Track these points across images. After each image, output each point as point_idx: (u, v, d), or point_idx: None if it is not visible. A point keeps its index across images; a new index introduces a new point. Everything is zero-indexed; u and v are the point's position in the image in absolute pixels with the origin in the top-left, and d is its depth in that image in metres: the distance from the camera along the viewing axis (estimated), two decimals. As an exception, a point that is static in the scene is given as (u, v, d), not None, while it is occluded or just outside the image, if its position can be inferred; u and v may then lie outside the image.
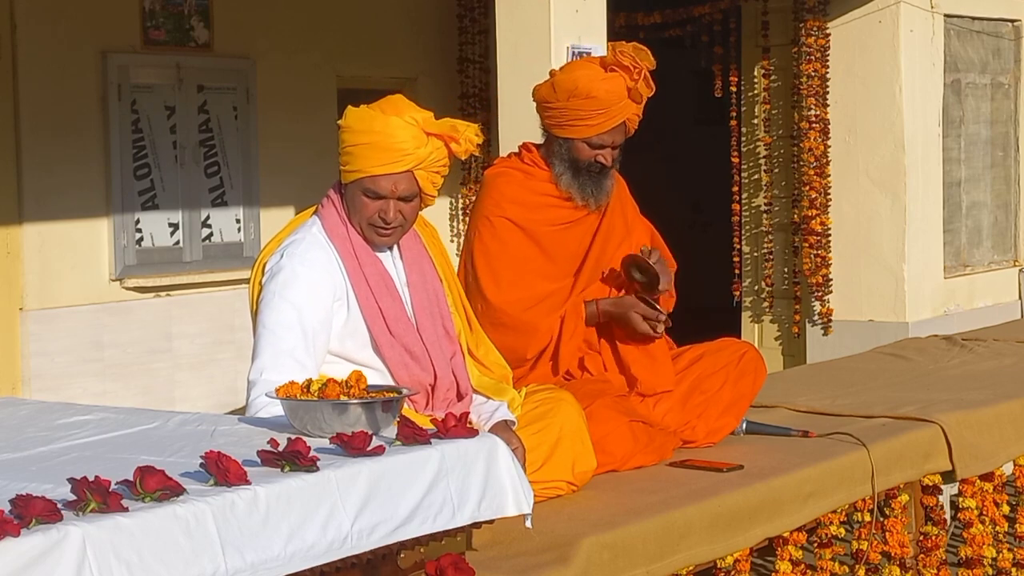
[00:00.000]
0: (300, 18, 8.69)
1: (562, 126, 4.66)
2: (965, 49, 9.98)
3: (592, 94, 4.59)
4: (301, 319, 3.79)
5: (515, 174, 4.77)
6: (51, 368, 7.51)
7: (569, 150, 4.67)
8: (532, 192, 4.73)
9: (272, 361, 3.74)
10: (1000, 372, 6.19)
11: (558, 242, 4.74)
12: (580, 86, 4.60)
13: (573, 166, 4.68)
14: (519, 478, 3.11)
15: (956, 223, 9.95)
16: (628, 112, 4.65)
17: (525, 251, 4.69)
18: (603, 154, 4.66)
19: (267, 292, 3.84)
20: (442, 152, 3.88)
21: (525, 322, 4.59)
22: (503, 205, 4.70)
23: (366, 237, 3.91)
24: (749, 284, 9.85)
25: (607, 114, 4.61)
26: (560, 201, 4.73)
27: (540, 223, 4.71)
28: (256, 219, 8.40)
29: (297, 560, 2.63)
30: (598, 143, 4.65)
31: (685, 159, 12.92)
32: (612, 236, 4.81)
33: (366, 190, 3.86)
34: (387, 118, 3.84)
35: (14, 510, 2.33)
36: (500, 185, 4.74)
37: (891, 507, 4.82)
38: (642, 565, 3.79)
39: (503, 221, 4.68)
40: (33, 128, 7.48)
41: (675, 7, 9.73)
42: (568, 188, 4.69)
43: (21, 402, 4.04)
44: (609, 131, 4.64)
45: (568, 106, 4.62)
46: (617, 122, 4.64)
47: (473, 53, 9.57)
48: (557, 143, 4.70)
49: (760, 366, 4.91)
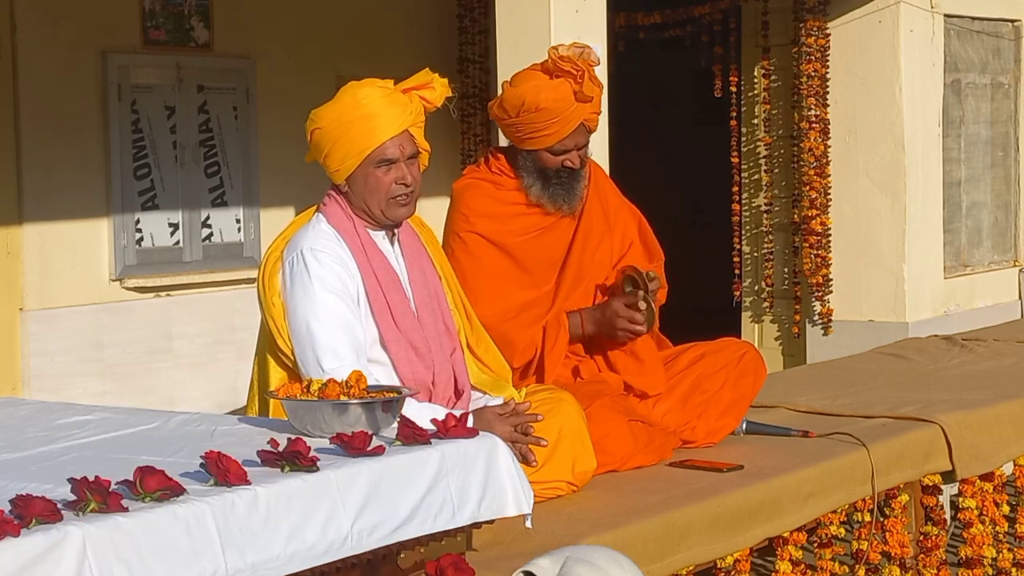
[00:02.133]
0: (300, 18, 8.70)
1: (521, 140, 4.63)
2: (965, 49, 9.98)
3: (540, 106, 4.54)
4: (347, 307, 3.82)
5: (484, 185, 4.72)
6: (51, 368, 7.51)
7: (535, 161, 4.63)
8: (501, 202, 4.68)
9: (347, 348, 3.77)
10: (1000, 372, 6.19)
11: (532, 251, 4.70)
12: (527, 100, 4.55)
13: (542, 176, 4.64)
14: (519, 478, 3.11)
15: (956, 223, 9.95)
16: (581, 115, 4.59)
17: (498, 264, 4.64)
18: (569, 158, 4.62)
19: (302, 286, 3.82)
20: (419, 104, 3.95)
21: (503, 333, 4.53)
22: (472, 220, 4.66)
23: (387, 215, 3.92)
24: (749, 284, 9.84)
25: (560, 121, 4.56)
26: (531, 209, 4.69)
27: (512, 234, 4.67)
28: (256, 219, 8.40)
29: (297, 560, 2.63)
30: (560, 149, 4.61)
31: (685, 159, 12.92)
32: (591, 235, 4.77)
33: (379, 163, 3.88)
34: (358, 93, 3.89)
35: (14, 510, 2.33)
36: (468, 199, 4.70)
37: (891, 507, 4.82)
38: (642, 565, 3.77)
39: (473, 236, 4.64)
40: (33, 128, 7.48)
41: (675, 7, 9.72)
42: (539, 199, 4.65)
43: (21, 402, 4.04)
44: (569, 136, 4.59)
45: (521, 121, 4.58)
46: (573, 126, 4.58)
47: (473, 53, 9.57)
48: (522, 155, 4.66)
49: (760, 366, 4.90)
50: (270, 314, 3.88)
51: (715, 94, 9.71)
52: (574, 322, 4.67)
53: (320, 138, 3.92)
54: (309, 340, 3.78)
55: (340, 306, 3.82)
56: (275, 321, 3.87)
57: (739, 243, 9.81)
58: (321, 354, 3.75)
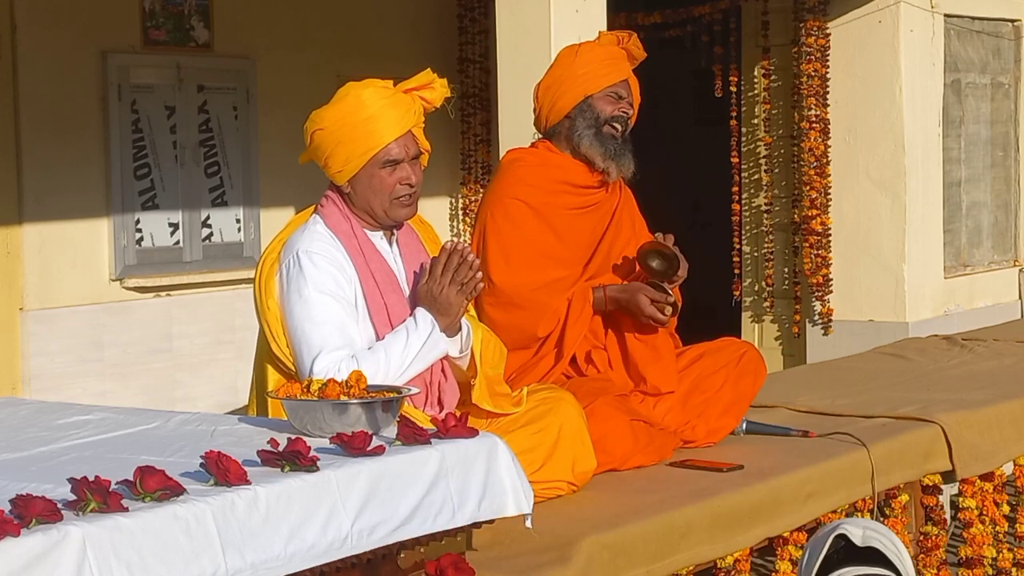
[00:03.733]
0: (300, 18, 8.70)
1: (574, 89, 4.65)
2: (965, 49, 9.97)
3: (592, 50, 4.68)
4: (342, 308, 3.82)
5: (531, 159, 4.77)
6: (51, 368, 7.51)
7: (590, 110, 4.66)
8: (548, 179, 4.72)
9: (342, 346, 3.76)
10: (1000, 372, 6.20)
11: (572, 228, 4.72)
12: (581, 48, 4.69)
13: (596, 127, 4.66)
14: (519, 478, 3.11)
15: (956, 223, 9.94)
16: (628, 70, 4.67)
17: (538, 234, 4.66)
18: (622, 107, 4.66)
19: (297, 289, 3.81)
20: (420, 104, 3.97)
21: (534, 301, 4.57)
22: (518, 188, 4.69)
23: (389, 215, 3.93)
24: (749, 284, 9.84)
25: (612, 63, 4.65)
26: (576, 188, 4.72)
27: (555, 206, 4.70)
28: (256, 219, 8.41)
29: (297, 560, 2.63)
30: (616, 93, 4.65)
31: (685, 159, 12.91)
32: (621, 233, 4.81)
33: (384, 163, 3.88)
34: (362, 94, 3.89)
35: (14, 510, 2.33)
36: (517, 169, 4.74)
37: (891, 507, 4.82)
38: (642, 565, 3.80)
39: (517, 203, 4.67)
40: (33, 128, 7.48)
41: (675, 7, 9.72)
42: (589, 149, 4.66)
43: (21, 402, 4.04)
44: (620, 83, 4.66)
45: (574, 67, 4.66)
46: (623, 74, 4.66)
47: (473, 53, 9.57)
48: (573, 120, 4.67)
49: (760, 366, 4.90)
50: (265, 319, 3.87)
51: (715, 94, 9.71)
52: (597, 295, 4.69)
53: (322, 139, 3.91)
54: (305, 341, 3.78)
55: (335, 307, 3.81)
56: (270, 327, 3.85)
57: (739, 243, 9.81)
58: (316, 355, 3.75)
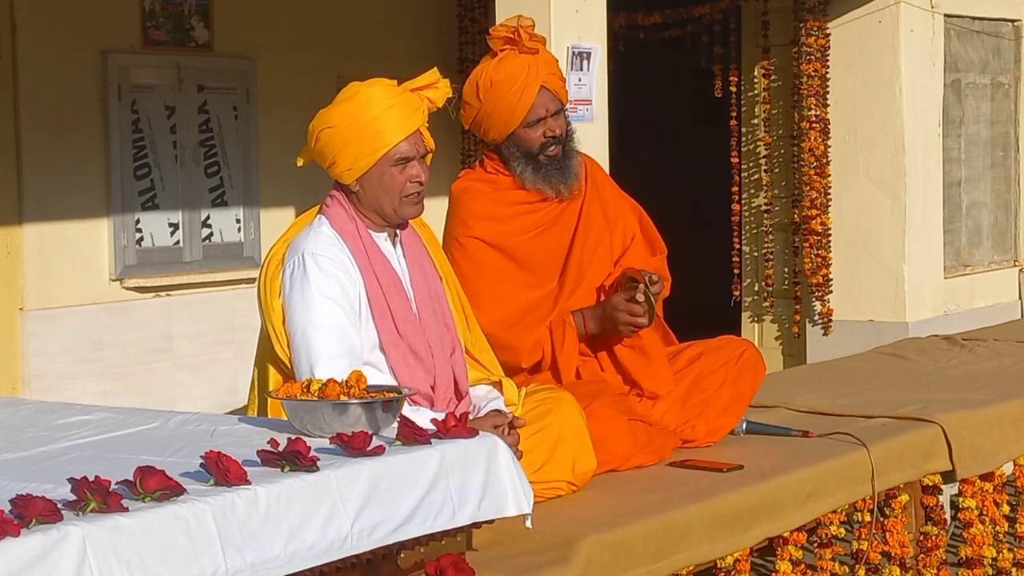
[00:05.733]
0: (300, 18, 8.69)
1: (497, 127, 4.61)
2: (965, 49, 9.98)
3: (494, 79, 4.56)
4: (344, 313, 3.81)
5: (481, 187, 4.70)
6: (51, 368, 7.51)
7: (519, 146, 4.61)
8: (500, 203, 4.66)
9: (342, 354, 3.75)
10: (1000, 372, 6.19)
11: (534, 250, 4.68)
12: (480, 81, 4.59)
13: (531, 160, 4.62)
14: (519, 478, 3.11)
15: (956, 223, 9.95)
16: (538, 77, 4.56)
17: (500, 267, 4.62)
18: (547, 127, 4.60)
19: (300, 290, 3.81)
20: (426, 103, 3.96)
21: (507, 341, 4.53)
22: (471, 224, 4.64)
23: (399, 213, 3.92)
24: (749, 284, 9.84)
25: (519, 88, 4.55)
26: (531, 206, 4.68)
27: (512, 234, 4.65)
28: (256, 219, 8.40)
29: (297, 560, 2.63)
30: (533, 119, 4.59)
31: (685, 159, 12.91)
32: (591, 233, 4.75)
33: (396, 161, 3.87)
34: (371, 92, 3.89)
35: (14, 510, 2.33)
36: (466, 203, 4.68)
37: (891, 507, 4.82)
38: (642, 565, 3.80)
39: (473, 241, 4.62)
40: (33, 128, 7.48)
41: (675, 7, 9.72)
42: (534, 184, 4.63)
43: (21, 402, 4.04)
44: (536, 103, 4.56)
45: (485, 108, 4.58)
46: (534, 90, 4.56)
47: (473, 53, 9.57)
48: (507, 147, 4.64)
49: (759, 364, 4.90)
50: (269, 319, 3.86)
51: (715, 94, 9.71)
52: (577, 321, 4.66)
53: (330, 138, 3.89)
54: (304, 344, 3.78)
55: (337, 312, 3.80)
56: (274, 327, 3.85)
57: (739, 243, 9.81)
58: (315, 360, 3.74)
